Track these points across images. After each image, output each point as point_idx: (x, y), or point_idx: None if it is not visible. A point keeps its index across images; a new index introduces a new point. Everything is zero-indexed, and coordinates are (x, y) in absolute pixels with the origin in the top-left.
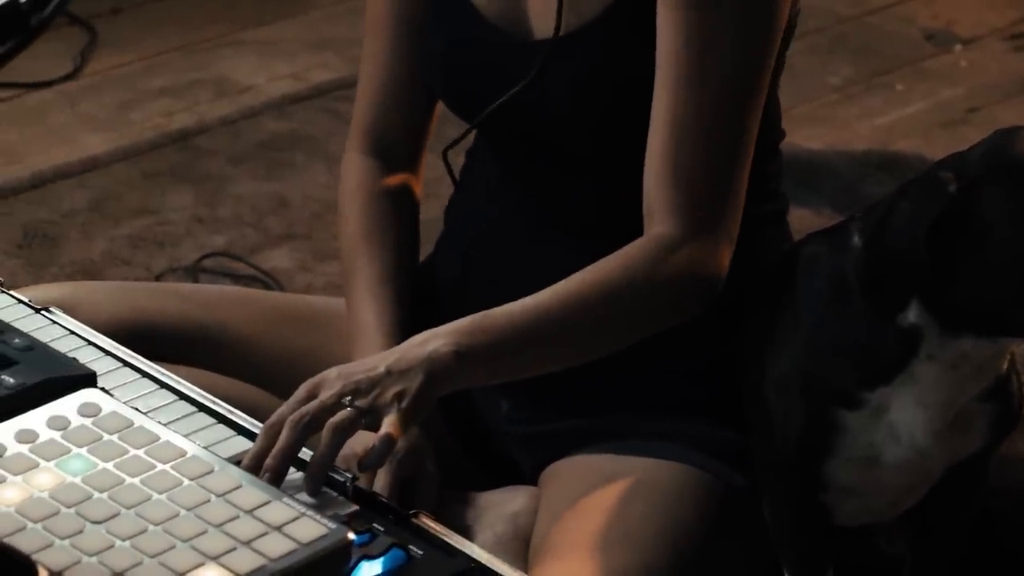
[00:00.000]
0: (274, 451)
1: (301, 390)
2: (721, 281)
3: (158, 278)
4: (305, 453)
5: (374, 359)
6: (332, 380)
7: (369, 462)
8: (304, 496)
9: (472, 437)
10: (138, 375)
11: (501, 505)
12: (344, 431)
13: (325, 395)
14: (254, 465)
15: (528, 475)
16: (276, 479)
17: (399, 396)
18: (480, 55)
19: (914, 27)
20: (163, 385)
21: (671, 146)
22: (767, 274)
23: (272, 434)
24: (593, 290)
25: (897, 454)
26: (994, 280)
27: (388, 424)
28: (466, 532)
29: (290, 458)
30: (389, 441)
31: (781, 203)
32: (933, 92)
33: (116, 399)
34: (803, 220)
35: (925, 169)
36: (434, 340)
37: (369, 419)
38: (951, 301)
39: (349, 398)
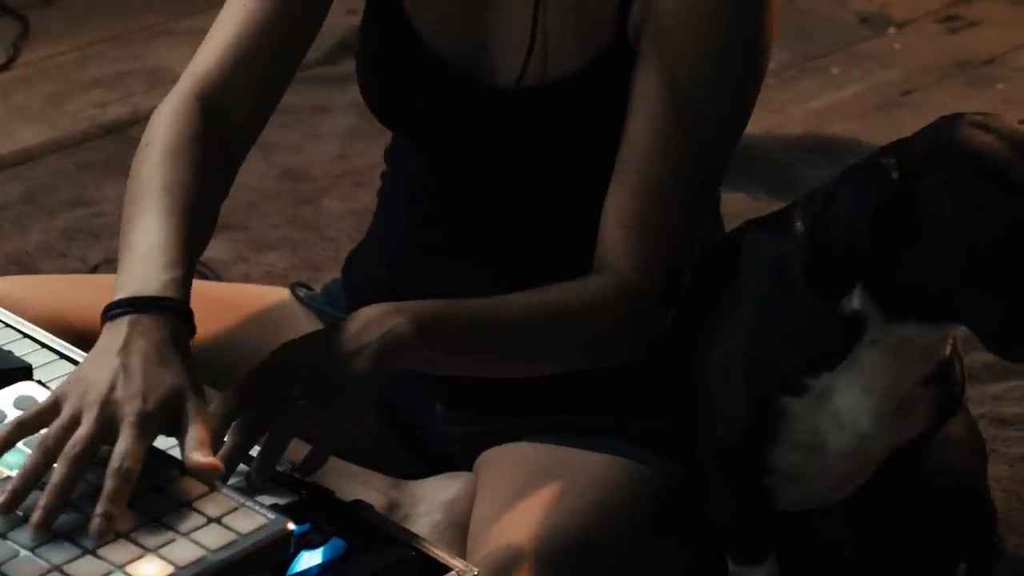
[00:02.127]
0: (221, 455)
1: (251, 380)
2: (662, 335)
3: (94, 270)
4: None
5: (326, 336)
6: (278, 369)
7: (308, 468)
8: (244, 485)
9: (407, 432)
10: (75, 367)
11: (438, 493)
12: (288, 427)
13: (272, 388)
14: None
15: (462, 464)
16: (225, 478)
17: (348, 383)
18: (430, 88)
19: (848, 10)
20: None
21: (643, 200)
22: (707, 261)
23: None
24: (551, 310)
25: (841, 440)
26: (935, 267)
27: (333, 417)
28: (404, 520)
29: (239, 458)
30: (329, 444)
31: (716, 192)
32: (868, 75)
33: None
34: (739, 204)
35: (860, 152)
36: (393, 316)
37: (315, 411)
38: (894, 288)
39: (296, 391)
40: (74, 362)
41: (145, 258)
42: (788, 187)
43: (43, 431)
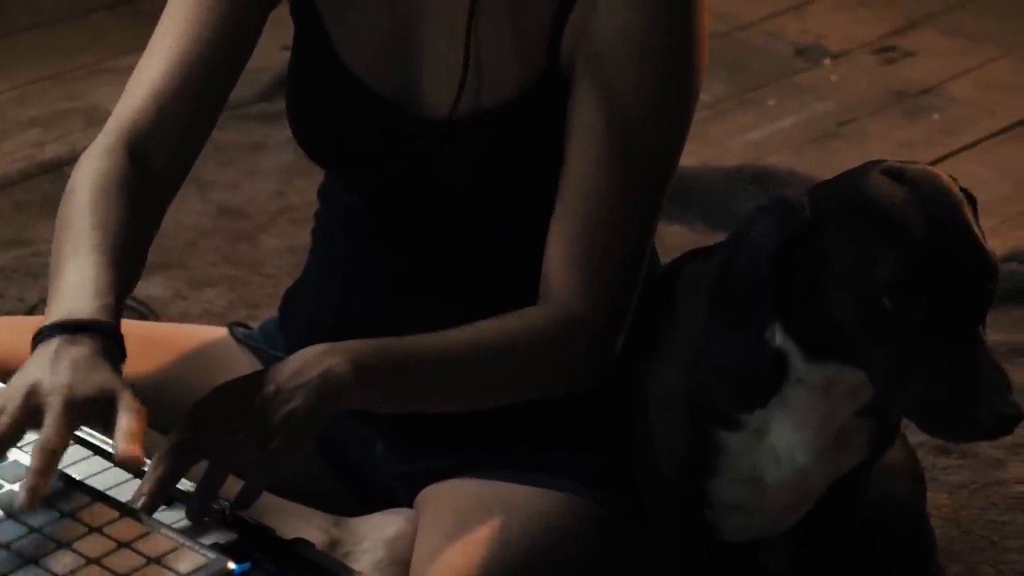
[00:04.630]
0: (151, 479)
1: (189, 415)
2: (609, 364)
3: (32, 310)
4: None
5: (265, 374)
6: (217, 404)
7: (242, 502)
8: (184, 525)
9: (348, 470)
10: None
11: (379, 530)
12: (225, 460)
13: (208, 421)
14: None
15: (404, 501)
16: (148, 508)
17: (287, 418)
18: (361, 121)
19: (784, 42)
20: None
21: (584, 227)
22: (646, 293)
23: (157, 464)
24: (494, 343)
25: (779, 474)
26: (833, 312)
27: (271, 450)
28: (346, 558)
29: (167, 487)
30: (264, 479)
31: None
32: (804, 107)
33: None
34: (677, 236)
35: (797, 183)
36: (332, 356)
37: (251, 445)
38: (806, 328)
39: (233, 423)
40: None
41: (75, 289)
42: (726, 219)
43: None
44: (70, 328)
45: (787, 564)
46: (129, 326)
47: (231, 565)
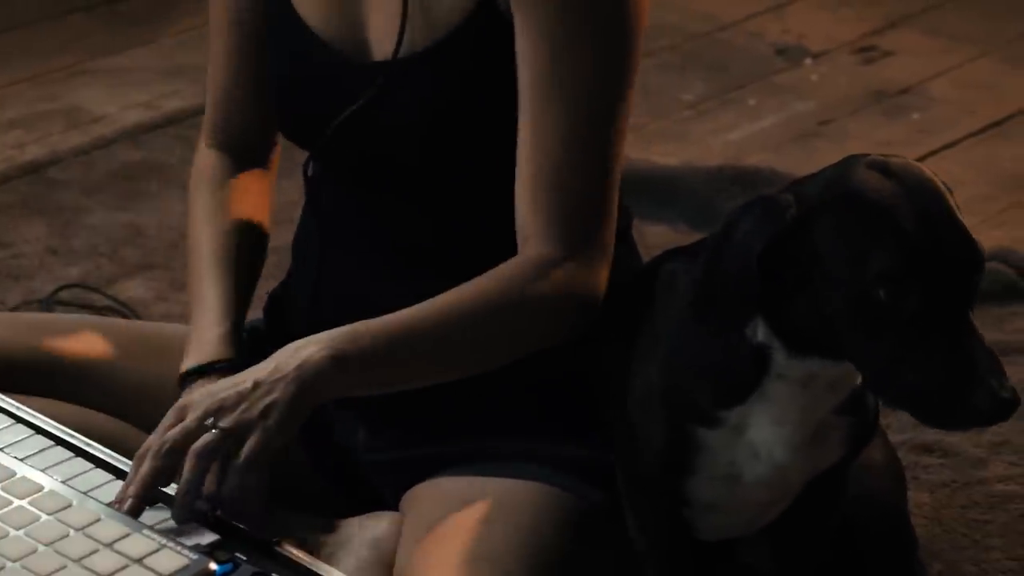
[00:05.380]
0: (135, 480)
1: (169, 414)
2: (600, 299)
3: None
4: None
5: (244, 373)
6: (197, 401)
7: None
8: (166, 526)
9: (332, 467)
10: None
11: (364, 531)
12: (206, 457)
13: (189, 418)
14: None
15: (389, 502)
16: (134, 510)
17: (267, 411)
18: (316, 76)
19: (764, 42)
20: (19, 420)
21: (541, 166)
22: (625, 289)
23: (139, 464)
24: (469, 305)
25: (758, 471)
26: (822, 307)
27: (251, 445)
28: (329, 559)
29: (151, 487)
30: (247, 481)
31: (625, 219)
32: (784, 106)
33: None
34: (661, 236)
35: (779, 183)
36: (307, 347)
37: (232, 441)
38: (791, 323)
39: (212, 419)
40: (4, 412)
41: (204, 331)
42: (708, 219)
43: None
44: (204, 372)
45: (767, 562)
46: (113, 325)
47: (212, 566)
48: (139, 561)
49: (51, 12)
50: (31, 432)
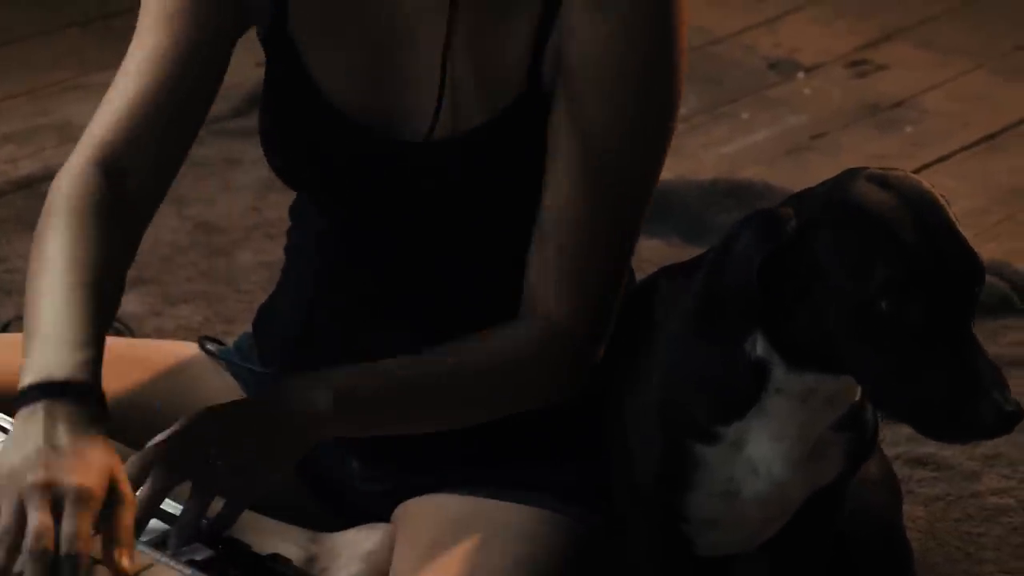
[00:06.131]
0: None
1: (173, 436)
2: (591, 370)
3: (6, 327)
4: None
5: (249, 403)
6: (200, 428)
7: (222, 524)
8: (159, 541)
9: (324, 488)
10: None
11: (356, 545)
12: (209, 492)
13: (192, 445)
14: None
15: (382, 518)
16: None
17: (268, 448)
18: (332, 146)
19: (757, 56)
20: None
21: (563, 245)
22: (623, 307)
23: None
24: (480, 362)
25: (756, 487)
26: (823, 320)
27: (250, 483)
28: (323, 574)
29: (152, 509)
30: (238, 506)
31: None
32: (778, 120)
33: None
34: (653, 250)
35: (772, 196)
36: (312, 388)
37: (236, 478)
38: (791, 337)
39: (215, 452)
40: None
41: (53, 338)
42: (702, 232)
43: None
44: (52, 391)
45: None
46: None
47: None
48: None
49: (46, 27)
50: None
